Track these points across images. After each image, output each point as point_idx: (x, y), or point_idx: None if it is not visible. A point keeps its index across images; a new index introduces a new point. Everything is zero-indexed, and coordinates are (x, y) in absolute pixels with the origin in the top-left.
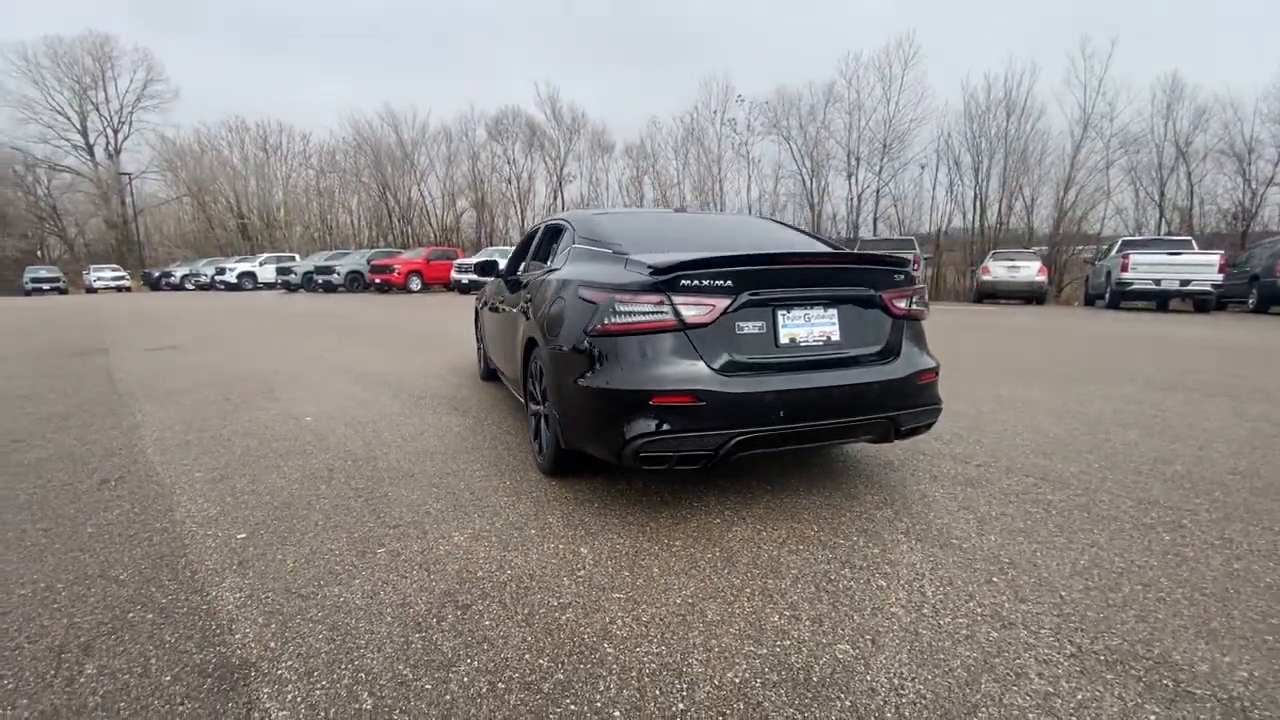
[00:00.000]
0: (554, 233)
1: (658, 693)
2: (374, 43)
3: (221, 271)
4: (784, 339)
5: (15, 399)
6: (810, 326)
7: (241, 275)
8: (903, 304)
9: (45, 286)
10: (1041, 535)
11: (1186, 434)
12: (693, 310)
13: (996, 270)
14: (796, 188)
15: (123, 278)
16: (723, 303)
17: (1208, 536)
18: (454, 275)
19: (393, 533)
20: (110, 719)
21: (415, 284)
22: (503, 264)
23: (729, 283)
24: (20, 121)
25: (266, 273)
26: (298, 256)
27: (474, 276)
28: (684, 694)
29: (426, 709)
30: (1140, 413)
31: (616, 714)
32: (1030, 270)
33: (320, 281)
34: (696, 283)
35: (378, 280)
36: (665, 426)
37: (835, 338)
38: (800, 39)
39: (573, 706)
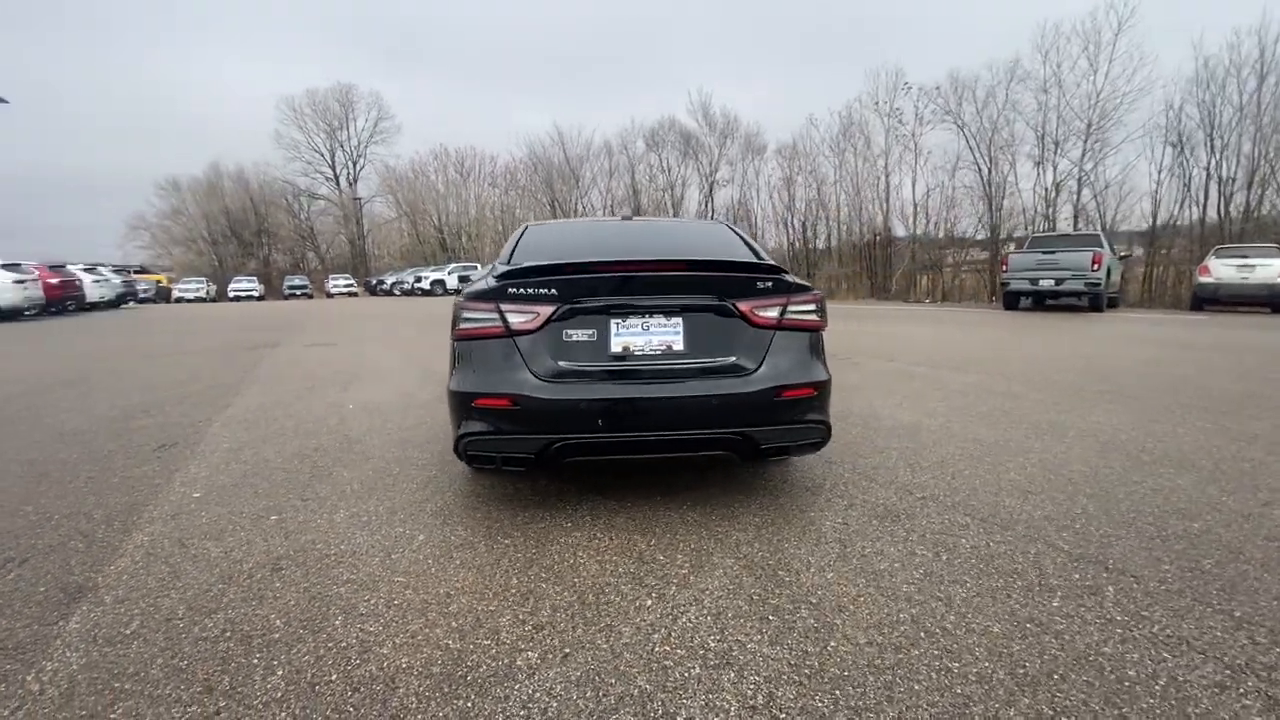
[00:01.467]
0: None
1: (332, 661)
2: (558, 68)
3: (419, 279)
4: (616, 347)
5: (175, 381)
6: (649, 335)
7: (433, 282)
8: (769, 314)
9: (297, 292)
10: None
11: None
12: (518, 318)
13: (1220, 270)
14: (973, 180)
15: (351, 285)
16: (547, 310)
17: None
18: None
19: (297, 505)
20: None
21: None
22: None
23: (554, 291)
24: (289, 159)
25: (454, 280)
26: (479, 266)
27: None
28: (351, 664)
29: (202, 628)
30: None
31: (278, 683)
32: (1271, 270)
33: None
34: (522, 291)
35: None
36: (488, 428)
37: (678, 347)
38: (977, 18)
39: (258, 656)
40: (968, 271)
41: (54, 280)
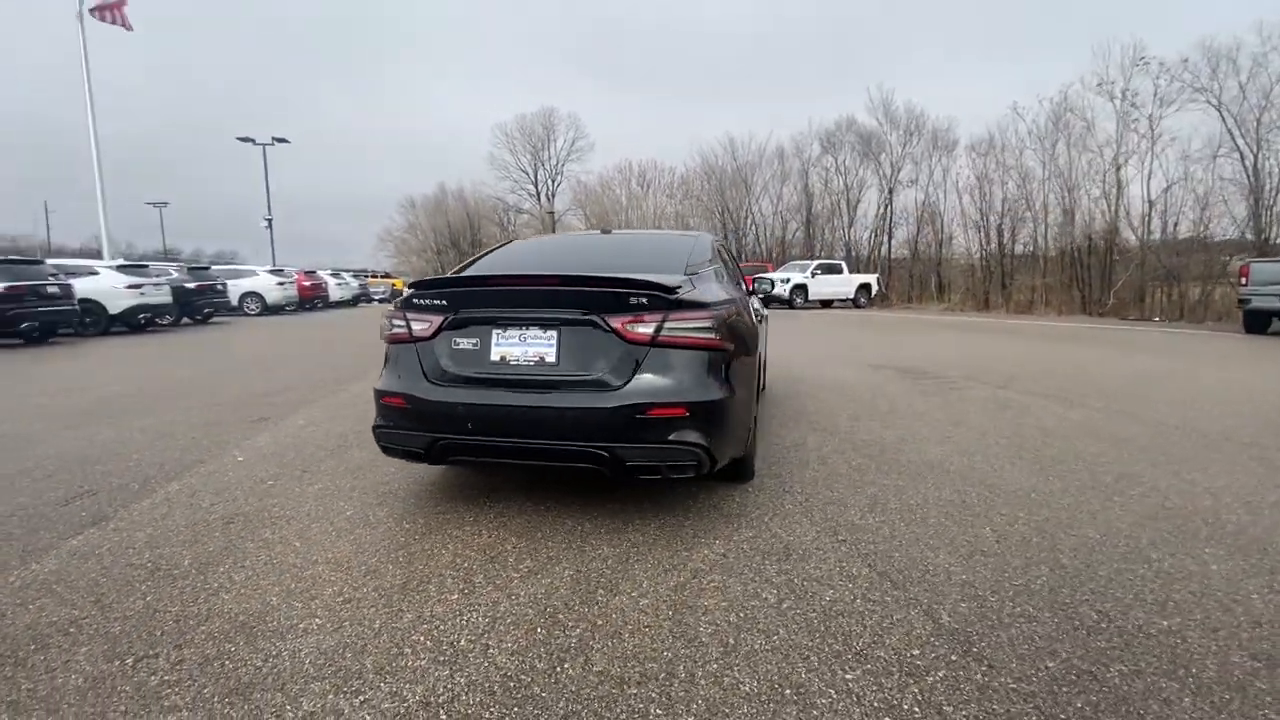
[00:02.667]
0: None
1: (194, 592)
2: (734, 77)
3: None
4: (495, 356)
5: (324, 369)
6: (525, 346)
7: None
8: (643, 330)
9: None
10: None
11: None
12: (418, 325)
13: None
14: (1234, 169)
15: None
16: (438, 320)
17: None
18: (750, 289)
19: (298, 474)
20: (13, 528)
21: None
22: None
23: (444, 302)
24: (499, 178)
25: None
26: None
27: (768, 291)
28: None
29: (141, 558)
30: None
31: (136, 604)
32: None
33: None
34: (423, 301)
35: None
36: (391, 422)
37: (550, 359)
38: None
39: (147, 585)
40: (1220, 284)
41: (307, 283)
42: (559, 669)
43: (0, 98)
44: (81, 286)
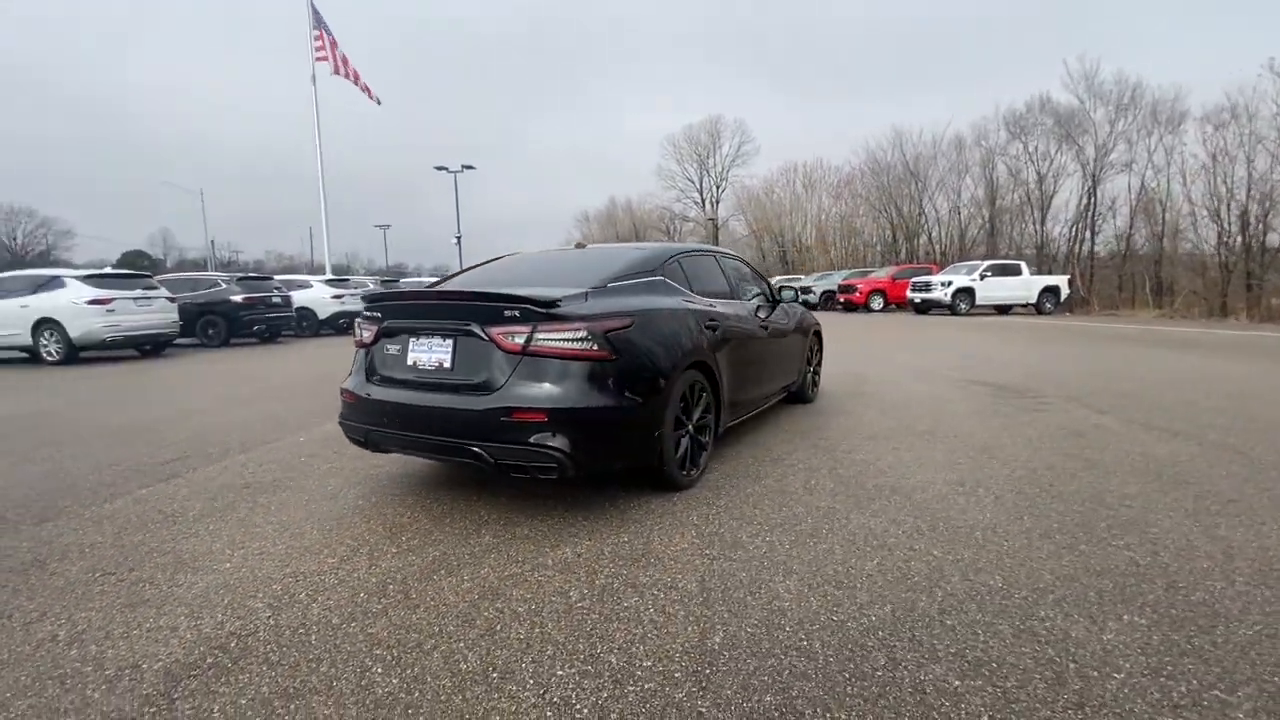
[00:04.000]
0: None
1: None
2: (904, 65)
3: None
4: (410, 360)
5: None
6: (431, 353)
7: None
8: (515, 340)
9: None
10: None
11: None
12: (365, 333)
13: None
14: None
15: None
16: (374, 329)
17: None
18: (908, 294)
19: (330, 455)
20: (49, 488)
21: (877, 303)
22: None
23: (379, 314)
24: (665, 188)
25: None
26: (804, 278)
27: (925, 296)
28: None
29: (173, 506)
30: None
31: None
32: None
33: (801, 300)
34: (366, 313)
35: (841, 300)
36: (346, 413)
37: (447, 365)
38: None
39: (169, 528)
40: None
41: None
42: (345, 625)
43: (285, 140)
44: (298, 297)
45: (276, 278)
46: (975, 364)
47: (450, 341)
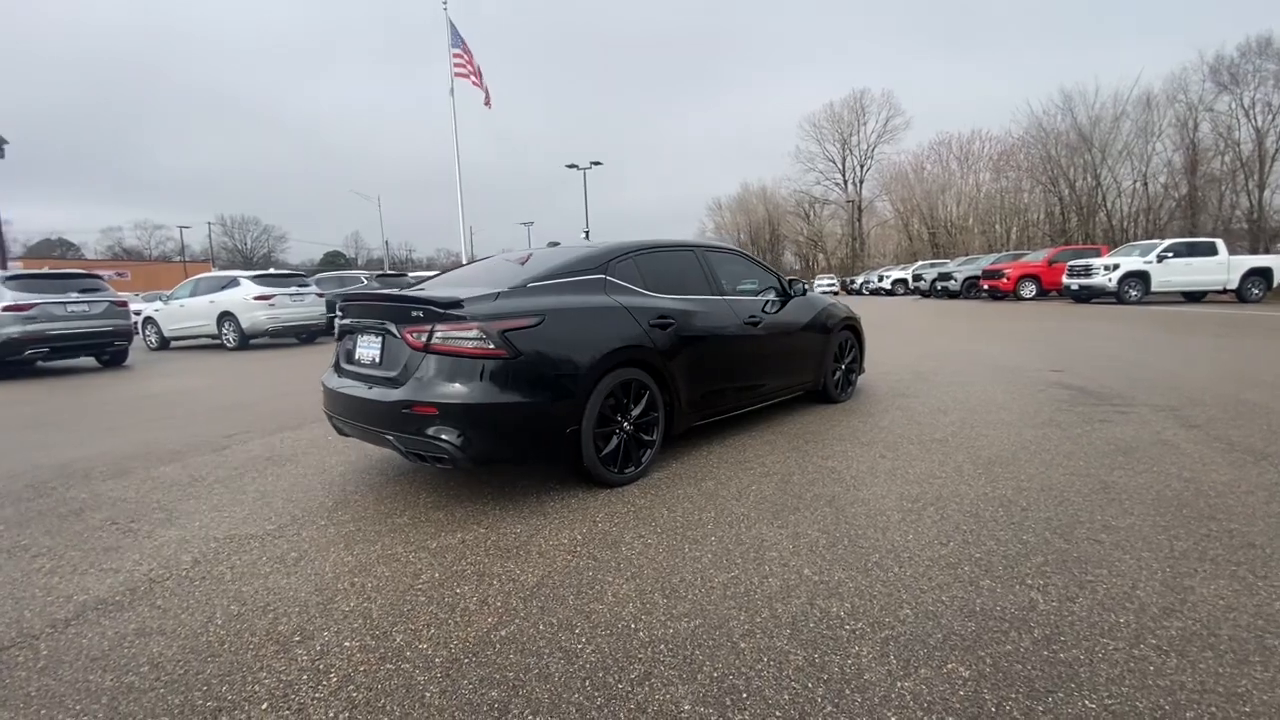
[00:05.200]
0: None
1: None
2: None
3: (881, 278)
4: (357, 355)
5: None
6: (369, 349)
7: (894, 281)
8: (419, 339)
9: None
10: None
11: None
12: (338, 330)
13: None
14: None
15: (833, 284)
16: (340, 325)
17: None
18: (1064, 280)
19: None
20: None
21: (1028, 290)
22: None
23: (343, 314)
24: (804, 170)
25: (910, 277)
26: (950, 263)
27: (1084, 281)
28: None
29: (215, 474)
30: None
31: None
32: None
33: (940, 287)
34: (338, 311)
35: (986, 286)
36: (323, 402)
37: (377, 360)
38: None
39: (192, 489)
40: None
41: None
42: (234, 582)
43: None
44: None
45: (410, 274)
46: (1083, 363)
47: (380, 339)
